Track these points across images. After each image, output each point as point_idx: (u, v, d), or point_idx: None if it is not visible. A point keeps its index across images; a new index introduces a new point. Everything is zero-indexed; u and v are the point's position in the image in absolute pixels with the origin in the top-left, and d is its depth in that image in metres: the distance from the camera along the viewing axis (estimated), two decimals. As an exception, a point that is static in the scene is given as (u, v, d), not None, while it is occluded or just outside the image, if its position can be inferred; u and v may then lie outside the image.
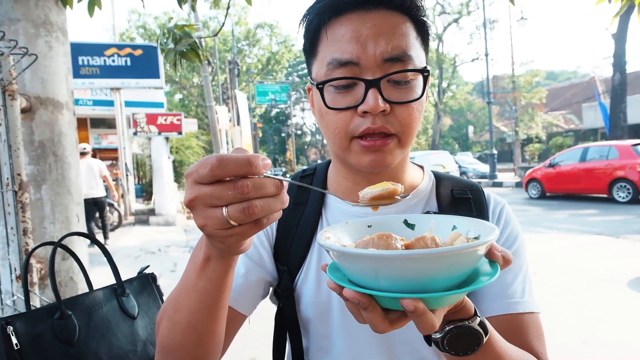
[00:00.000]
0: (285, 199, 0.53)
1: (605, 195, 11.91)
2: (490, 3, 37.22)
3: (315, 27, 0.82)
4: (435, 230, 0.64)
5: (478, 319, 0.63)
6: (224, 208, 0.49)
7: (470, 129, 49.58)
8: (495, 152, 21.27)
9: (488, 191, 0.96)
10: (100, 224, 8.74)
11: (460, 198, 0.92)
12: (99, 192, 8.47)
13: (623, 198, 11.33)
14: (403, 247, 0.57)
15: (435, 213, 0.88)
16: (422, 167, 1.00)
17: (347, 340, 0.88)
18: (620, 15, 2.19)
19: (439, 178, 0.97)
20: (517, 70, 33.79)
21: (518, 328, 0.82)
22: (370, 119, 0.77)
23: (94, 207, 8.40)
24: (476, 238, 0.58)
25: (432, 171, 1.00)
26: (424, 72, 0.79)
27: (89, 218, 8.15)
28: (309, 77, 0.88)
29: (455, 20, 34.50)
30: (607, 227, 8.46)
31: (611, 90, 17.86)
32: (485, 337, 0.64)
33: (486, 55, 22.59)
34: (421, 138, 43.78)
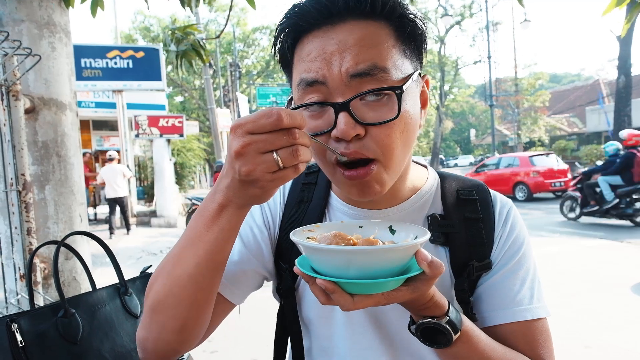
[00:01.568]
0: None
1: (510, 195, 14.59)
2: (493, 5, 37.16)
3: (283, 47, 0.78)
4: (404, 237, 0.72)
5: (447, 318, 0.70)
6: (274, 152, 0.58)
7: (472, 132, 49.58)
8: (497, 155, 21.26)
9: (494, 192, 0.94)
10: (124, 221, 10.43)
11: (466, 199, 0.90)
12: (121, 192, 10.07)
13: (522, 197, 14.66)
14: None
15: (440, 215, 0.88)
16: (426, 167, 0.98)
17: (349, 342, 0.88)
18: (628, 19, 2.18)
19: (443, 178, 0.95)
20: (520, 73, 33.89)
21: (526, 336, 0.82)
22: (343, 144, 0.72)
23: (115, 205, 10.14)
24: None
25: (436, 171, 0.97)
26: (395, 89, 0.71)
27: (111, 214, 10.14)
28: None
29: (458, 23, 34.38)
30: (610, 232, 8.44)
31: (616, 94, 17.80)
32: (455, 334, 0.70)
33: (489, 57, 22.63)
34: (422, 141, 43.76)
